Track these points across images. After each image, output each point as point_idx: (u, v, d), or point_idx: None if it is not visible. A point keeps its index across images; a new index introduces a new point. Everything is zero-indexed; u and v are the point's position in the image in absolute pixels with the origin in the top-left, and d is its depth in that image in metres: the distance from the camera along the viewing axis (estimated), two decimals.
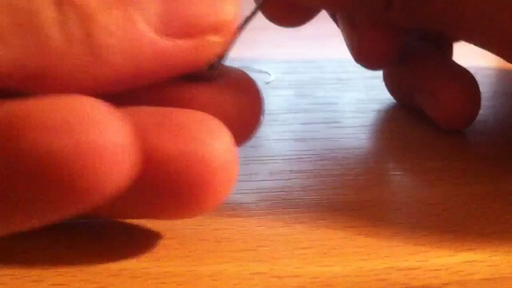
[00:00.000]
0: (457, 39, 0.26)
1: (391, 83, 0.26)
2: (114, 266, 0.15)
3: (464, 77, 0.23)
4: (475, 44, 0.21)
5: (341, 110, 0.25)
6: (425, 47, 0.25)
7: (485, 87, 0.28)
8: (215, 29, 0.13)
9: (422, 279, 0.15)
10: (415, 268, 0.15)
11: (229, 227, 0.17)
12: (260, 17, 0.27)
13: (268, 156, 0.21)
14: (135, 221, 0.17)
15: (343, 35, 0.25)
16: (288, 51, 0.34)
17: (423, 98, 0.24)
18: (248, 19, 0.16)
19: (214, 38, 0.13)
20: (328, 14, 0.26)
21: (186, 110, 0.14)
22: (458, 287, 0.15)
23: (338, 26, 0.26)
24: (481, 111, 0.25)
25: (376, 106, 0.26)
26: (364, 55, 0.23)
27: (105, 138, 0.11)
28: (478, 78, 0.29)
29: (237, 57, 0.18)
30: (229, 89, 0.15)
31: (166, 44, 0.13)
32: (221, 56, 0.15)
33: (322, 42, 0.36)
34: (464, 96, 0.22)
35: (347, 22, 0.24)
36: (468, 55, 0.26)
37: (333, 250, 0.16)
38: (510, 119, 0.25)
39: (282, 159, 0.21)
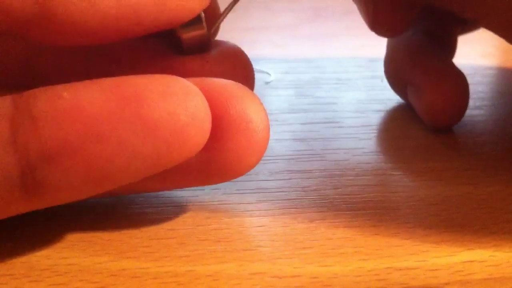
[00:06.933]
0: (466, 21, 0.26)
1: (390, 77, 0.26)
2: (114, 266, 0.15)
3: (452, 77, 0.23)
4: (485, 26, 0.20)
5: (341, 110, 0.25)
6: (426, 42, 0.25)
7: (485, 87, 0.29)
8: None
9: (422, 279, 0.15)
10: (415, 268, 0.15)
11: (229, 227, 0.17)
12: (260, 17, 0.27)
13: (268, 156, 0.21)
14: (135, 221, 0.17)
15: (356, 3, 0.25)
16: (288, 51, 0.34)
17: (412, 94, 0.24)
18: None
19: None
20: None
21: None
22: (458, 287, 0.15)
23: None
24: (481, 111, 0.25)
25: (376, 106, 0.26)
26: (379, 23, 0.23)
27: (202, 104, 0.14)
28: (478, 78, 0.29)
29: None
30: (221, 61, 0.17)
31: None
32: (215, 28, 0.17)
33: (322, 42, 0.36)
34: (448, 96, 0.22)
35: None
36: (468, 55, 0.26)
37: (333, 250, 0.16)
38: (510, 119, 0.25)
39: (282, 159, 0.21)
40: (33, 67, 0.16)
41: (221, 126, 0.15)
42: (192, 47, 0.17)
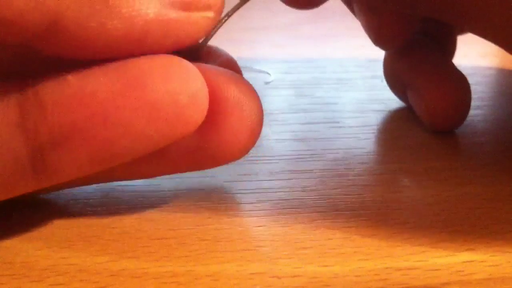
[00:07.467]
0: (460, 28, 0.26)
1: (390, 79, 0.26)
2: (114, 266, 0.15)
3: (452, 79, 0.23)
4: (477, 34, 0.20)
5: (341, 110, 0.25)
6: (426, 43, 0.25)
7: (485, 87, 0.29)
8: (208, 6, 0.15)
9: (422, 279, 0.15)
10: (415, 268, 0.15)
11: (229, 227, 0.17)
12: (260, 18, 0.27)
13: (268, 156, 0.21)
14: (135, 221, 0.17)
15: (359, 20, 0.25)
16: (288, 51, 0.34)
17: (412, 96, 0.24)
18: (237, 7, 0.18)
19: (208, 14, 0.15)
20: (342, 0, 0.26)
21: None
22: (458, 287, 0.15)
23: (352, 11, 0.26)
24: (481, 111, 0.25)
25: (376, 106, 0.26)
26: (383, 39, 0.24)
27: (202, 85, 0.15)
28: (478, 78, 0.29)
29: (237, 57, 0.18)
30: None
31: (171, 13, 0.14)
32: (208, 37, 0.17)
33: (322, 42, 0.36)
34: (449, 98, 0.22)
35: (365, 8, 0.24)
36: (468, 55, 0.26)
37: (333, 250, 0.16)
38: (510, 119, 0.25)
39: (282, 159, 0.21)
40: (30, 63, 0.16)
41: (216, 109, 0.16)
42: (182, 55, 0.17)
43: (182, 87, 0.14)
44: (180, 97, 0.14)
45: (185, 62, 0.15)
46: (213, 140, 0.16)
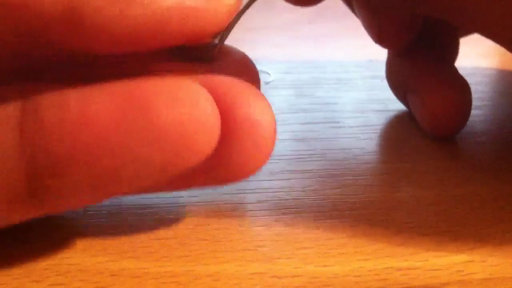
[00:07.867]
0: (464, 29, 0.26)
1: (391, 81, 0.26)
2: (114, 266, 0.15)
3: (455, 85, 0.23)
4: (478, 32, 0.20)
5: (341, 110, 0.25)
6: (428, 47, 0.25)
7: (485, 87, 0.29)
8: None
9: (422, 279, 0.15)
10: (415, 268, 0.15)
11: (229, 227, 0.17)
12: (260, 17, 0.27)
13: None
14: (135, 221, 0.17)
15: (360, 19, 0.25)
16: (288, 51, 0.34)
17: (412, 101, 0.24)
18: (249, 4, 0.17)
19: (229, 1, 0.14)
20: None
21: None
22: (458, 287, 0.15)
23: (352, 11, 0.25)
24: (481, 111, 0.25)
25: (376, 106, 0.26)
26: (386, 38, 0.24)
27: (212, 111, 0.14)
28: (478, 78, 0.29)
29: None
30: (228, 69, 0.16)
31: (190, 0, 0.13)
32: (222, 38, 0.16)
33: (322, 42, 0.36)
34: (449, 104, 0.22)
35: (365, 7, 0.24)
36: (469, 55, 0.26)
37: (333, 250, 0.16)
38: (510, 119, 0.25)
39: (282, 159, 0.21)
40: (32, 63, 0.16)
41: (227, 127, 0.15)
42: (197, 55, 0.16)
43: (191, 112, 0.13)
44: (188, 124, 0.13)
45: (194, 85, 0.14)
46: (225, 161, 0.15)
